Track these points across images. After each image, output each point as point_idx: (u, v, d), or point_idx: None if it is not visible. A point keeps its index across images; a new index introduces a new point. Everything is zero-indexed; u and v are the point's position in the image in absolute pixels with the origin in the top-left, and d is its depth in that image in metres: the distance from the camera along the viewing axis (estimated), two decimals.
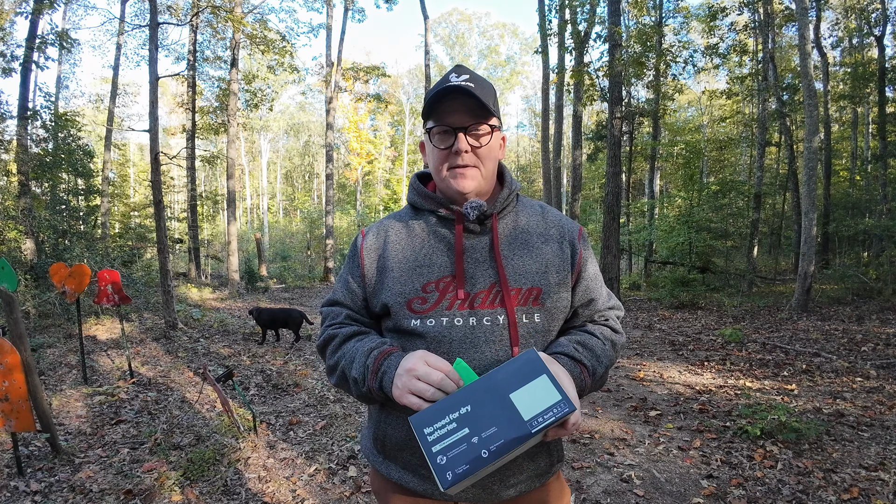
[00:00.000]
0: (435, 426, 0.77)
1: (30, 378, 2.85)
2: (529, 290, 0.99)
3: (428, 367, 0.85)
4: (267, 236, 31.38)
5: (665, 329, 7.98)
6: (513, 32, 42.89)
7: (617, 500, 2.68)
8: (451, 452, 0.76)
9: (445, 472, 0.75)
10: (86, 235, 10.73)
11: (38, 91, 15.02)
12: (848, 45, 17.99)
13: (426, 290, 0.99)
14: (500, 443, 0.77)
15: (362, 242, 1.09)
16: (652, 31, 13.97)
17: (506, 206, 1.07)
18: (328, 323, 1.10)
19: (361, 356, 0.97)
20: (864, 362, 5.41)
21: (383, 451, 1.05)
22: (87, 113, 20.92)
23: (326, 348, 1.07)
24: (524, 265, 1.01)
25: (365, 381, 0.94)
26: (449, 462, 0.75)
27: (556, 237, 1.07)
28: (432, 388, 0.83)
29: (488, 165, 1.02)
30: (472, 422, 0.78)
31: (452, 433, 0.77)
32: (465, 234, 1.02)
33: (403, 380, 0.86)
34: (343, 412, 3.99)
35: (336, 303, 1.11)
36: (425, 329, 0.97)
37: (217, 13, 13.38)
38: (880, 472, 2.84)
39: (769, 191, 17.41)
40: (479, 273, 0.99)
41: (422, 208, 1.08)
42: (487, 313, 0.97)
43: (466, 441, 0.77)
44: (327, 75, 18.21)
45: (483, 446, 0.77)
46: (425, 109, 1.00)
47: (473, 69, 0.97)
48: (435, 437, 0.77)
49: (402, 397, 0.86)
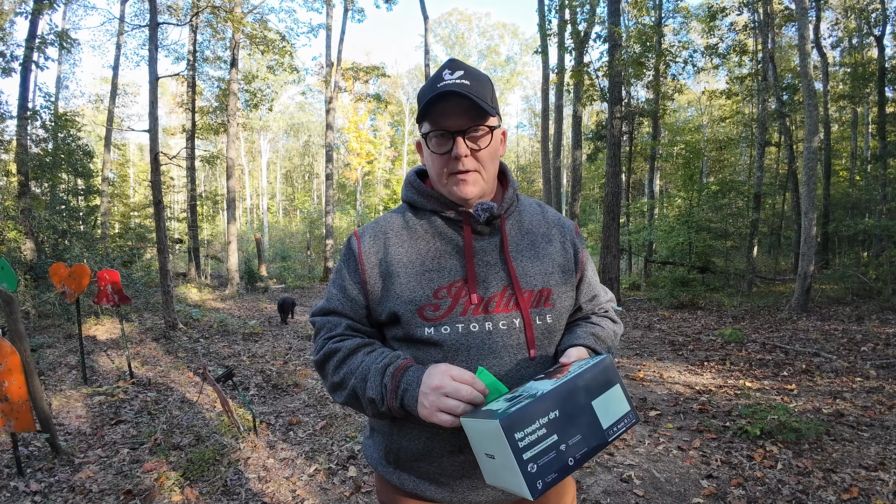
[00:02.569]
0: (526, 431, 0.72)
1: (30, 378, 2.85)
2: (541, 292, 0.98)
3: (455, 381, 0.81)
4: (267, 236, 31.39)
5: (665, 329, 7.98)
6: (513, 33, 42.94)
7: (617, 500, 2.68)
8: (541, 460, 0.72)
9: (536, 480, 0.71)
10: (85, 235, 10.73)
11: (38, 91, 15.06)
12: (848, 45, 17.99)
13: (438, 296, 0.94)
14: (584, 451, 0.76)
15: (359, 247, 1.01)
16: (652, 31, 13.98)
17: (510, 206, 1.05)
18: (326, 335, 1.01)
19: (376, 374, 0.90)
20: (864, 362, 5.41)
21: (396, 462, 1.01)
22: (87, 113, 20.91)
23: (327, 364, 0.98)
24: (533, 266, 1.00)
25: (384, 400, 0.89)
26: (540, 470, 0.72)
27: (557, 237, 1.07)
28: (463, 404, 0.80)
29: (490, 168, 0.98)
30: (560, 428, 0.75)
31: (543, 440, 0.74)
32: (473, 237, 0.99)
33: (431, 399, 0.82)
34: (343, 412, 3.99)
35: (332, 312, 1.03)
36: (441, 337, 0.93)
37: (217, 13, 13.38)
38: (880, 472, 2.84)
39: (769, 191, 17.42)
40: (491, 276, 0.97)
41: (423, 208, 1.03)
42: (503, 317, 0.95)
43: (555, 448, 0.74)
44: (327, 75, 18.21)
45: (570, 454, 0.75)
46: (419, 112, 0.96)
47: (463, 61, 0.94)
48: (526, 444, 0.72)
49: (430, 416, 0.82)
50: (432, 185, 1.04)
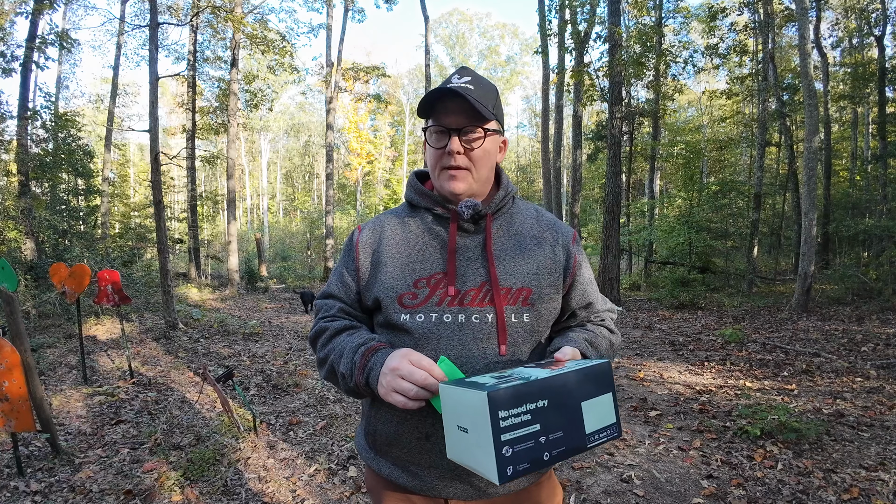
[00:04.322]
0: (511, 412, 0.69)
1: (30, 378, 2.85)
2: (520, 290, 1.00)
3: (411, 365, 0.84)
4: (267, 236, 31.39)
5: (665, 329, 7.97)
6: (513, 33, 42.93)
7: (617, 500, 2.67)
8: (518, 446, 0.69)
9: (507, 465, 0.67)
10: (86, 235, 10.74)
11: (38, 91, 15.06)
12: (848, 45, 17.99)
13: (417, 285, 1.00)
14: (562, 449, 0.72)
15: (358, 237, 1.10)
16: (652, 32, 13.98)
17: (501, 208, 1.08)
18: (321, 315, 1.10)
19: (349, 352, 0.97)
20: (864, 362, 5.41)
21: (374, 446, 1.06)
22: (87, 113, 20.93)
23: (317, 340, 1.07)
24: (516, 265, 1.02)
25: (352, 376, 0.94)
26: (514, 456, 0.68)
27: (549, 240, 1.08)
28: (416, 388, 0.82)
29: (481, 169, 1.02)
30: (545, 419, 0.71)
31: (525, 426, 0.70)
32: (458, 233, 1.03)
33: (388, 378, 0.86)
34: (343, 412, 3.99)
35: (330, 296, 1.12)
36: (414, 325, 0.97)
37: (217, 13, 13.39)
38: (880, 473, 2.84)
39: (769, 191, 17.41)
40: (471, 271, 1.00)
41: (418, 205, 1.09)
42: (476, 311, 0.97)
43: (535, 439, 0.70)
44: (327, 75, 18.21)
45: (547, 448, 0.71)
46: (423, 107, 1.01)
47: (473, 69, 0.98)
48: (507, 425, 0.68)
49: (386, 395, 0.86)
50: (432, 184, 1.10)
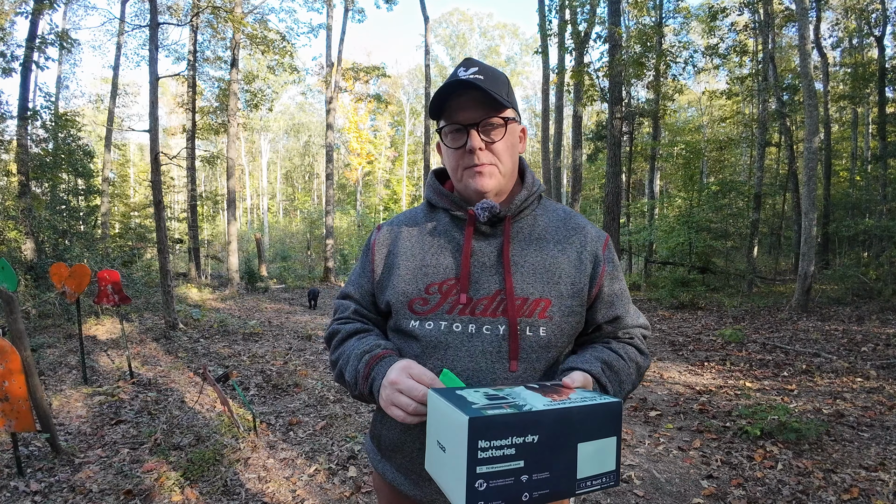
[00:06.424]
0: (493, 443, 0.61)
1: (30, 378, 2.85)
2: (537, 301, 0.91)
3: (411, 380, 0.79)
4: (267, 236, 31.40)
5: (665, 329, 7.97)
6: (513, 33, 42.96)
7: (617, 500, 2.67)
8: (494, 482, 0.61)
9: (477, 500, 0.60)
10: (86, 235, 10.73)
11: (38, 91, 15.07)
12: (848, 45, 18.00)
13: (429, 291, 0.94)
14: (544, 492, 0.64)
15: (375, 236, 1.07)
16: (652, 32, 13.99)
17: (523, 209, 0.99)
18: (336, 317, 1.08)
19: (355, 359, 0.94)
20: (864, 362, 5.41)
21: (380, 449, 1.04)
22: (87, 113, 20.93)
23: (330, 343, 1.06)
24: (535, 274, 0.93)
25: (357, 384, 0.92)
26: (487, 492, 0.60)
27: (576, 247, 0.98)
28: (414, 403, 0.77)
29: (506, 162, 0.95)
30: (531, 456, 0.63)
31: (506, 461, 0.61)
32: (475, 237, 0.96)
33: (387, 391, 0.81)
34: (343, 412, 3.99)
35: (347, 296, 1.09)
36: (422, 332, 0.93)
37: (217, 13, 13.39)
38: (880, 473, 2.84)
39: (769, 191, 17.41)
40: (485, 278, 0.93)
41: (437, 206, 1.03)
42: (488, 322, 0.91)
43: (515, 476, 0.62)
44: (327, 75, 18.21)
45: (528, 489, 0.63)
46: (434, 108, 0.94)
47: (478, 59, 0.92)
48: (486, 457, 0.60)
49: (386, 409, 0.82)
50: (453, 185, 1.04)
